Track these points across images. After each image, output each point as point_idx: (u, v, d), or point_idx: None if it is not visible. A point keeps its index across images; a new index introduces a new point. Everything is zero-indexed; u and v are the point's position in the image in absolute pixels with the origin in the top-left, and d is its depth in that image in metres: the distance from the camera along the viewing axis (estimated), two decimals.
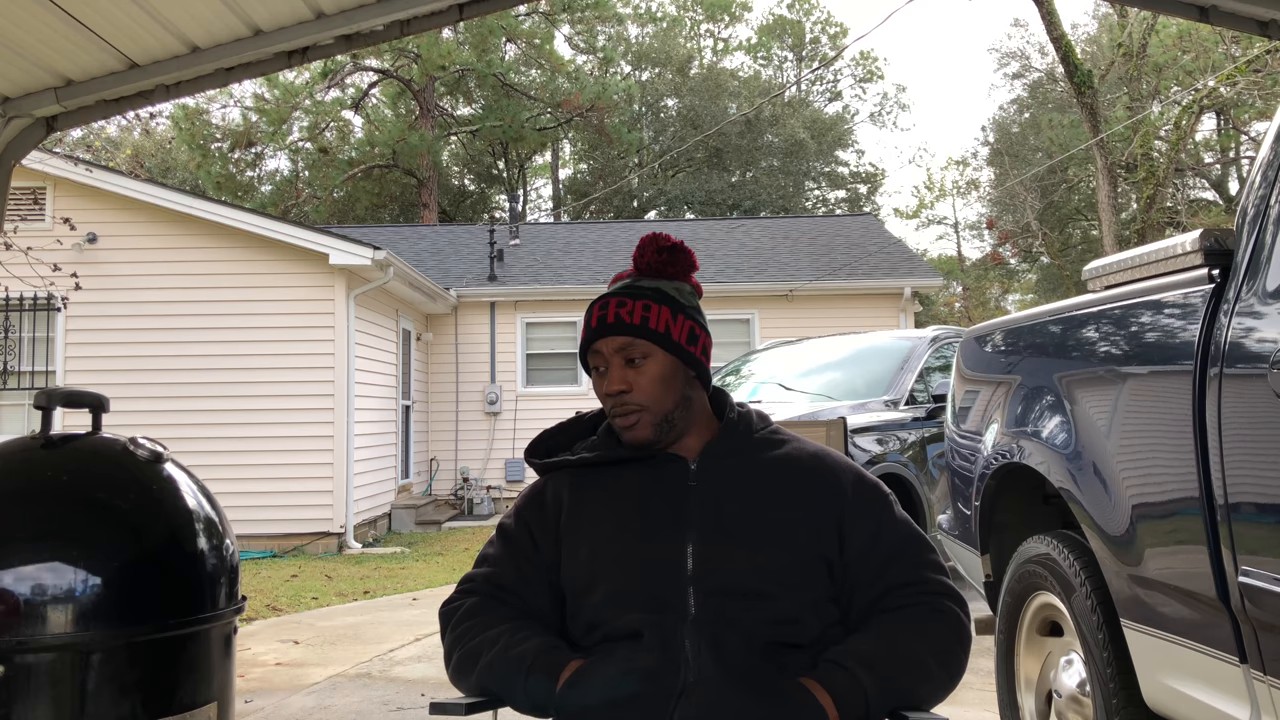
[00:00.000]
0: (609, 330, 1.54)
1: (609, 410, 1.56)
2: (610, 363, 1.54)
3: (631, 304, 1.53)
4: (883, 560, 1.51)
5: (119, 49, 3.32)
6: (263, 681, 4.40)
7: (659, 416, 1.53)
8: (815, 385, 6.52)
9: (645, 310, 1.53)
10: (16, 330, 9.05)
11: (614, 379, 1.53)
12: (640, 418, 1.52)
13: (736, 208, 29.73)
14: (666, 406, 1.53)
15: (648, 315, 1.53)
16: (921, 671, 1.43)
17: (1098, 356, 2.34)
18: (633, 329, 1.52)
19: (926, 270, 14.03)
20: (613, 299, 1.55)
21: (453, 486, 12.99)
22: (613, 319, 1.53)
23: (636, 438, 1.54)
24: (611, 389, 1.53)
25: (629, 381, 1.53)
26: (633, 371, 1.53)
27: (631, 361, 1.53)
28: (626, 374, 1.53)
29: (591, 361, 1.57)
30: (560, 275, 13.71)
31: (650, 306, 1.53)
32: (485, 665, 1.46)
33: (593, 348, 1.56)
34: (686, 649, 1.40)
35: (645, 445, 1.55)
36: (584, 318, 1.60)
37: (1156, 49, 20.45)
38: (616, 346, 1.53)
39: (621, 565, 1.48)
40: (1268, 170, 1.94)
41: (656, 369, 1.53)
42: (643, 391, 1.52)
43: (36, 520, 1.86)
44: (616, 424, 1.55)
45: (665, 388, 1.53)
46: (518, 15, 24.24)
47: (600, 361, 1.55)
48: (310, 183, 25.08)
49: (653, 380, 1.53)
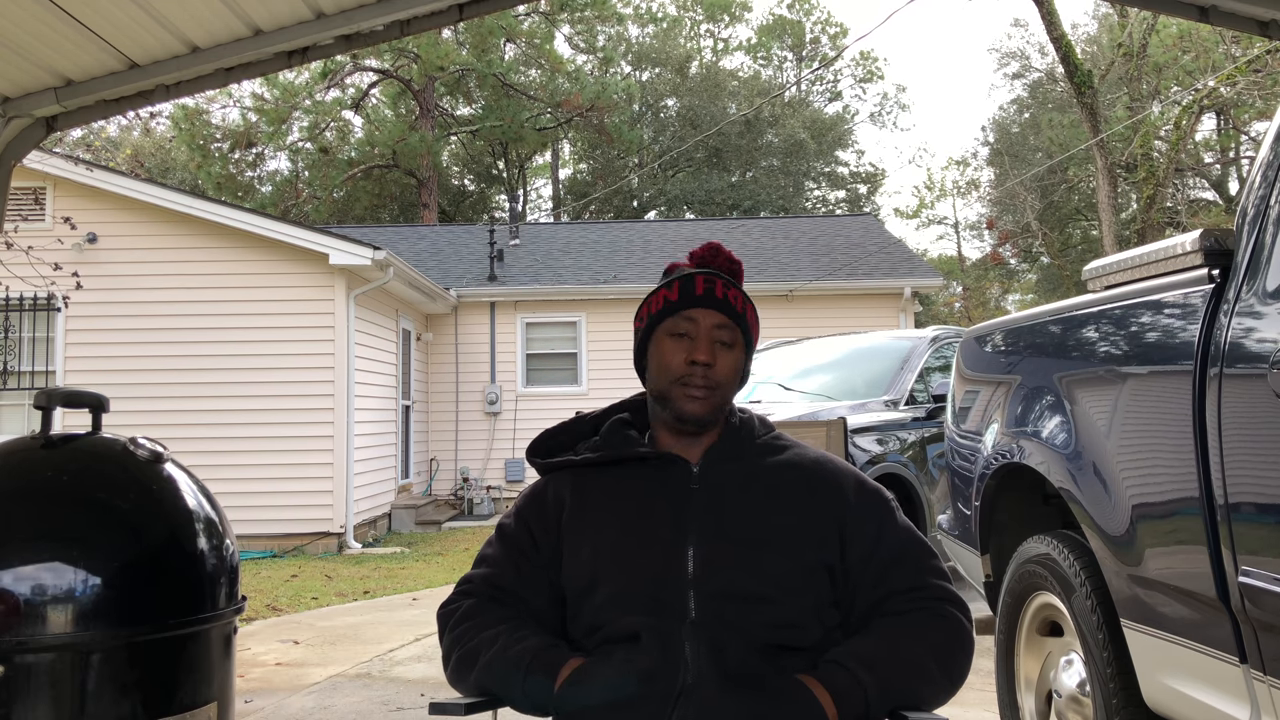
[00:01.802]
0: (714, 304, 1.56)
1: (683, 377, 1.55)
2: (701, 335, 1.55)
3: (736, 291, 1.59)
4: (885, 565, 1.51)
5: (119, 49, 3.32)
6: (263, 681, 4.40)
7: (722, 401, 1.57)
8: (815, 385, 6.53)
9: (745, 303, 1.60)
10: (16, 330, 9.05)
11: (704, 349, 1.54)
12: (711, 395, 1.55)
13: (736, 208, 29.73)
14: (729, 395, 1.58)
15: (747, 307, 1.60)
16: (922, 674, 1.43)
17: (1098, 356, 2.34)
18: (736, 315, 1.57)
19: (926, 270, 14.03)
20: (718, 279, 1.58)
21: (453, 486, 12.99)
22: (720, 296, 1.57)
23: (698, 411, 1.55)
24: (700, 357, 1.54)
25: (715, 358, 1.55)
26: (720, 350, 1.56)
27: (723, 342, 1.56)
28: (715, 350, 1.56)
29: (681, 328, 1.56)
30: (560, 275, 13.71)
31: (748, 303, 1.61)
32: (484, 665, 1.46)
33: (688, 314, 1.56)
34: (686, 651, 1.40)
35: (697, 421, 1.55)
36: (667, 285, 1.59)
37: (1156, 49, 20.45)
38: (716, 323, 1.56)
39: (623, 566, 1.48)
40: (1268, 170, 1.94)
41: (737, 358, 1.58)
42: (722, 373, 1.56)
43: (36, 520, 1.86)
44: (688, 393, 1.54)
45: (734, 379, 1.58)
46: (518, 15, 24.24)
47: (690, 329, 1.56)
48: (310, 183, 25.07)
49: (733, 367, 1.57)
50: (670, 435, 1.60)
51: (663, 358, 1.56)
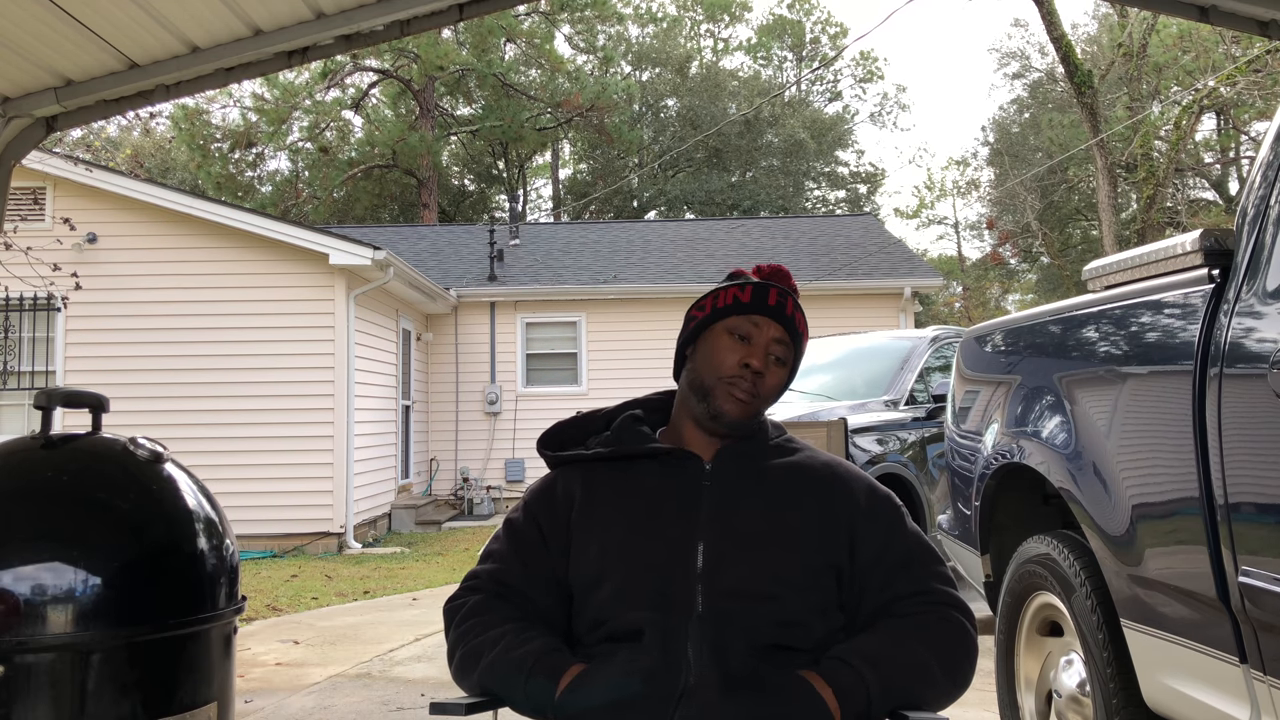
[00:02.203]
0: (783, 320, 1.58)
1: (733, 377, 1.55)
2: (759, 344, 1.56)
3: (801, 315, 1.61)
4: (891, 570, 1.51)
5: (119, 49, 3.31)
6: (263, 681, 4.40)
7: (758, 411, 1.59)
8: (815, 385, 6.53)
9: (805, 326, 1.62)
10: (16, 330, 9.05)
11: (760, 357, 1.56)
12: (753, 403, 1.56)
13: (736, 208, 29.72)
14: (765, 408, 1.60)
15: (804, 332, 1.62)
16: (925, 673, 1.43)
17: (1098, 356, 2.34)
18: (796, 335, 1.60)
19: (926, 270, 14.03)
20: (790, 297, 1.59)
21: (453, 486, 12.98)
22: (790, 311, 1.58)
23: (736, 414, 1.55)
24: (754, 363, 1.55)
25: (767, 369, 1.57)
26: (774, 365, 1.58)
27: (778, 358, 1.58)
28: (770, 362, 1.57)
29: (741, 330, 1.57)
30: (560, 275, 13.71)
31: (805, 328, 1.62)
32: (487, 666, 1.46)
33: (753, 319, 1.57)
34: (688, 650, 1.40)
35: (732, 424, 1.56)
36: (738, 285, 1.59)
37: (1156, 49, 20.45)
38: (776, 336, 1.58)
39: (631, 561, 1.48)
40: (1268, 170, 1.94)
41: (784, 376, 1.61)
42: (770, 386, 1.58)
43: (36, 520, 1.86)
44: (732, 393, 1.55)
45: (776, 395, 1.60)
46: (518, 15, 24.23)
47: (751, 332, 1.57)
48: (310, 183, 25.06)
49: (779, 383, 1.60)
50: (693, 429, 1.60)
51: (717, 353, 1.57)
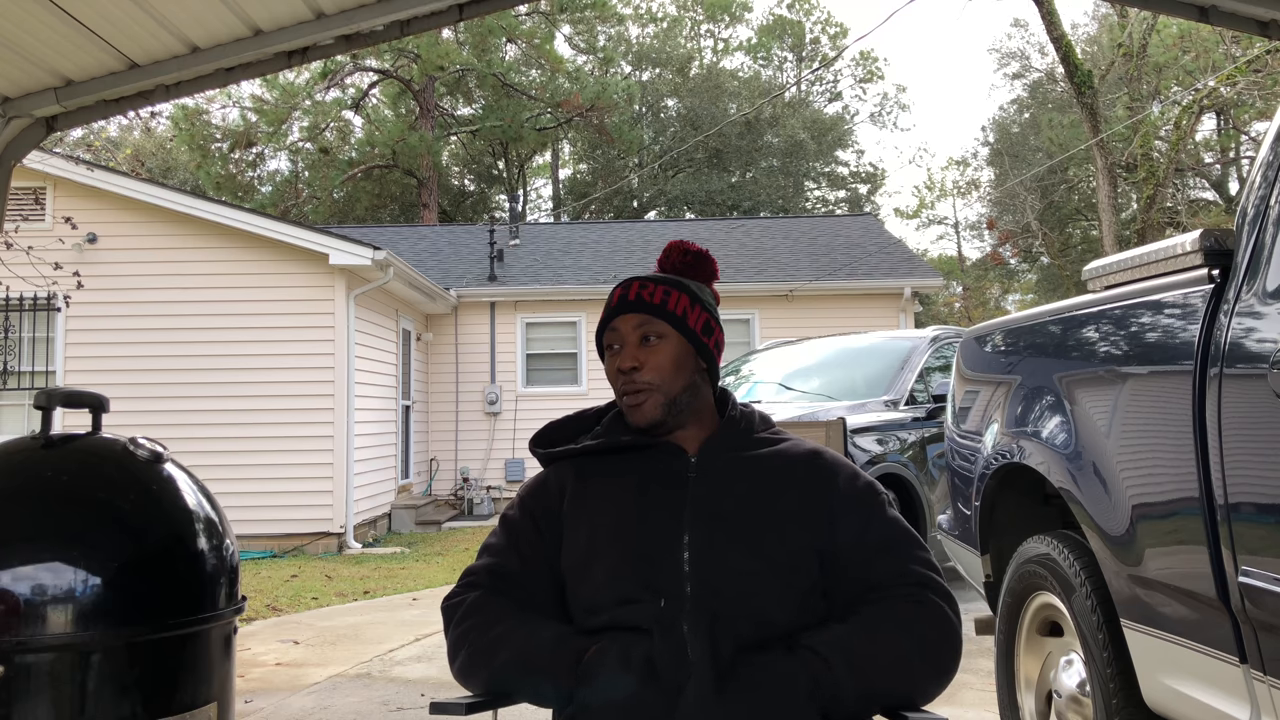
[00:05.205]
0: (629, 307, 1.58)
1: (619, 389, 1.58)
2: (626, 340, 1.57)
3: (654, 287, 1.59)
4: (871, 552, 1.51)
5: (119, 49, 3.32)
6: (263, 681, 4.40)
7: (667, 398, 1.56)
8: (815, 385, 6.53)
9: (665, 294, 1.58)
10: (16, 330, 9.05)
11: (627, 355, 1.56)
12: (649, 397, 1.55)
13: (736, 208, 29.73)
14: (675, 389, 1.56)
15: (667, 298, 1.58)
16: (898, 660, 1.42)
17: (1098, 356, 2.34)
18: (652, 308, 1.57)
19: (926, 270, 14.02)
20: (635, 281, 1.60)
21: (453, 486, 12.99)
22: (634, 297, 1.58)
23: (643, 417, 1.55)
24: (624, 365, 1.56)
25: (641, 359, 1.56)
26: (646, 350, 1.56)
27: (646, 340, 1.57)
28: (640, 352, 1.56)
29: (607, 340, 1.60)
30: (560, 275, 13.71)
31: (670, 291, 1.59)
32: (492, 666, 1.47)
33: (610, 325, 1.59)
34: (685, 636, 1.40)
35: (650, 427, 1.56)
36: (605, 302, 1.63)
37: (1156, 49, 20.45)
38: (634, 324, 1.57)
39: (619, 550, 1.50)
40: (1268, 170, 1.94)
41: (670, 350, 1.57)
42: (654, 370, 1.55)
43: (36, 520, 1.86)
44: (625, 403, 1.57)
45: (676, 370, 1.56)
46: (518, 15, 24.23)
47: (616, 340, 1.59)
48: (310, 183, 25.08)
49: (666, 360, 1.56)
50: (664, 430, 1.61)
51: (608, 375, 1.61)
